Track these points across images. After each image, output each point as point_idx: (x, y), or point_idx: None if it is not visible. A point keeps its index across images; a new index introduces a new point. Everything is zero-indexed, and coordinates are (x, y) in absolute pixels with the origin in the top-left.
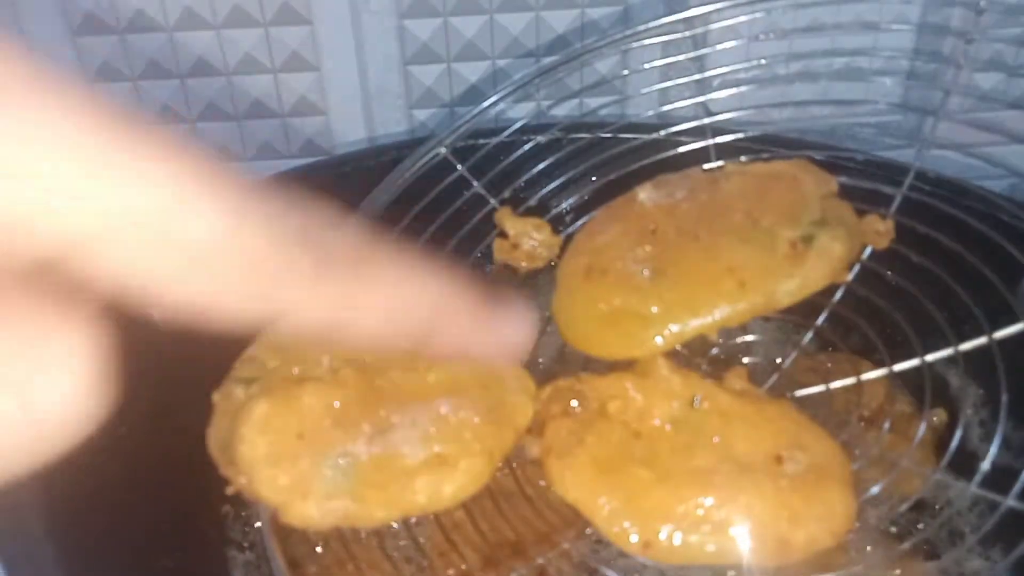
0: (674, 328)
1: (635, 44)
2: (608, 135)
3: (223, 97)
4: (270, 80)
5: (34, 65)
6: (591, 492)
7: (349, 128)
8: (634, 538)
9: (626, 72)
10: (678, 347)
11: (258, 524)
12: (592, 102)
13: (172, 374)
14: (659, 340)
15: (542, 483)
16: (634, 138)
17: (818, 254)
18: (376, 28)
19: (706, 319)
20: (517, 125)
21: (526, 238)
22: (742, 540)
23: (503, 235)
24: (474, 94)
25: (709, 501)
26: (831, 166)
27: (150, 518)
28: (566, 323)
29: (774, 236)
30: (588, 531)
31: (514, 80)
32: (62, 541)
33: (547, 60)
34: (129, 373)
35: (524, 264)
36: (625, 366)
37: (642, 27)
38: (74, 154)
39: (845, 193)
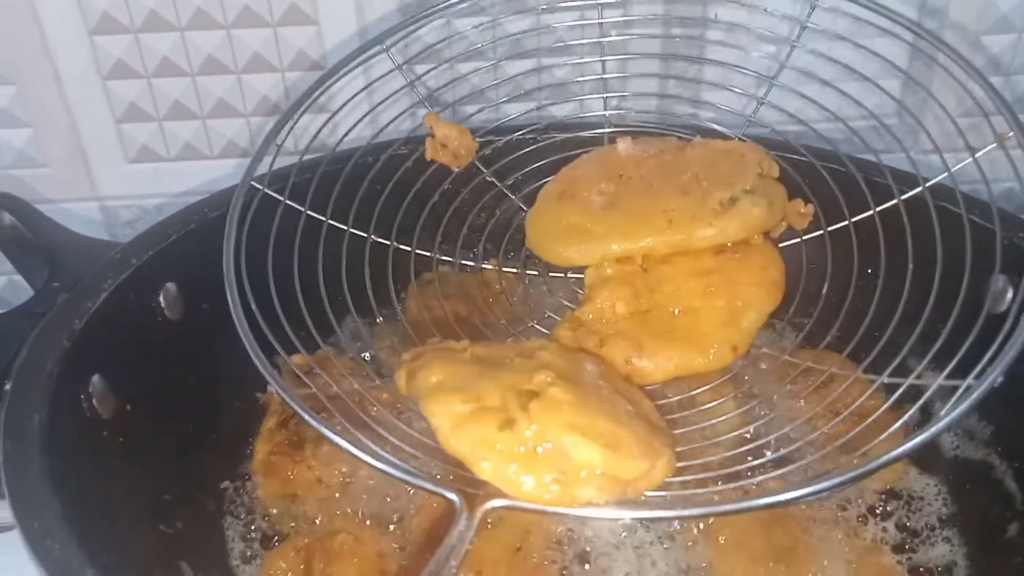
0: (613, 247)
1: None
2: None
3: (232, 93)
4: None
5: None
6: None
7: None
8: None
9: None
10: None
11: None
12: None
13: (180, 360)
14: (598, 254)
15: None
16: None
17: (738, 213)
18: None
19: (637, 243)
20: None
21: (451, 140)
22: None
23: (432, 137)
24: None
25: None
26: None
27: (154, 489)
28: (534, 232)
29: (708, 194)
30: None
31: None
32: (67, 502)
33: None
34: (140, 358)
35: (448, 162)
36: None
37: None
38: None
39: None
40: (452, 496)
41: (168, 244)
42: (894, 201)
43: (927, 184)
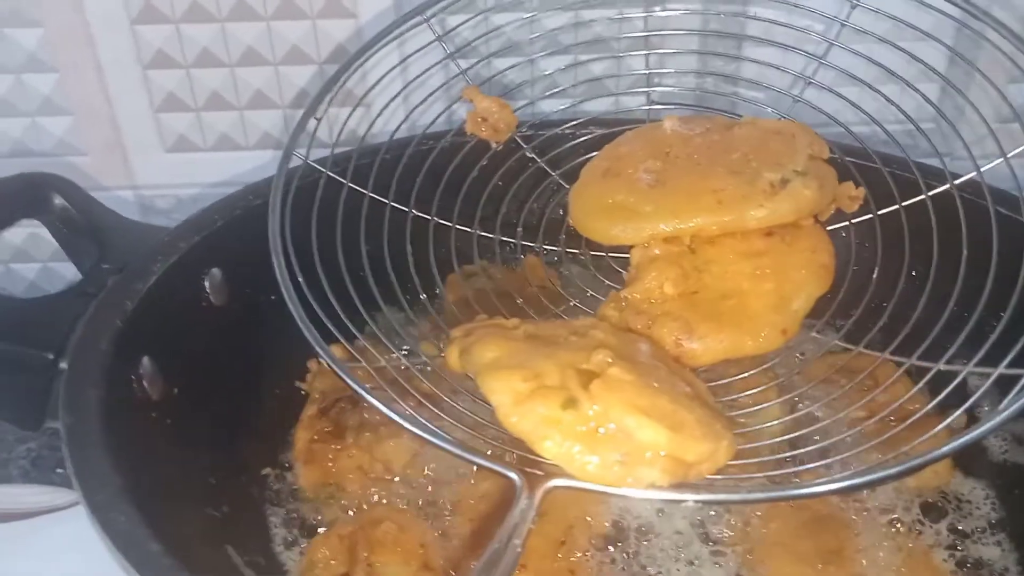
0: (661, 226)
1: None
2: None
3: (270, 84)
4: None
5: None
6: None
7: None
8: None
9: None
10: None
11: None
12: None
13: (223, 347)
14: (645, 234)
15: None
16: None
17: (789, 194)
18: None
19: (686, 223)
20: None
21: (491, 114)
22: None
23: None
24: None
25: None
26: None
27: (200, 472)
28: (578, 210)
29: (758, 174)
30: None
31: None
32: (127, 477)
33: None
34: (186, 342)
35: (489, 136)
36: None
37: None
38: None
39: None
40: (513, 475)
41: (214, 230)
42: (946, 186)
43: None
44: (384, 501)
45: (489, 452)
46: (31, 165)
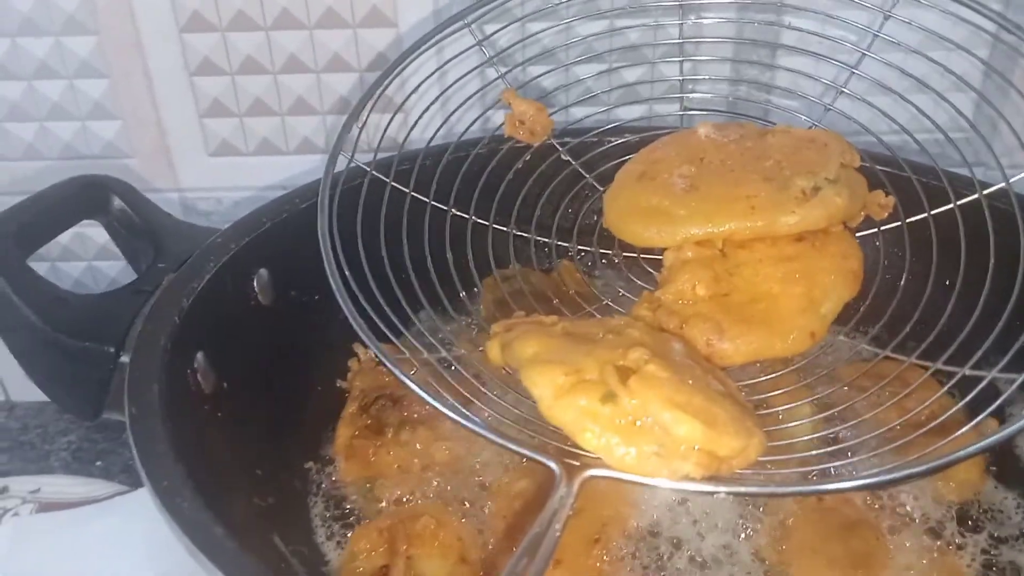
0: (695, 230)
1: None
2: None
3: (311, 91)
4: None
5: None
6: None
7: None
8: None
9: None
10: None
11: None
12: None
13: (269, 344)
14: (679, 237)
15: None
16: None
17: (820, 202)
18: None
19: (719, 228)
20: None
21: (527, 117)
22: None
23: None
24: None
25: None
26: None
27: (248, 463)
28: (613, 212)
29: (791, 181)
30: None
31: None
32: (189, 465)
33: None
34: (235, 339)
35: (526, 139)
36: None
37: None
38: None
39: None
40: (552, 464)
41: (262, 231)
42: (975, 195)
43: (1010, 180)
44: (422, 496)
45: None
46: (80, 167)
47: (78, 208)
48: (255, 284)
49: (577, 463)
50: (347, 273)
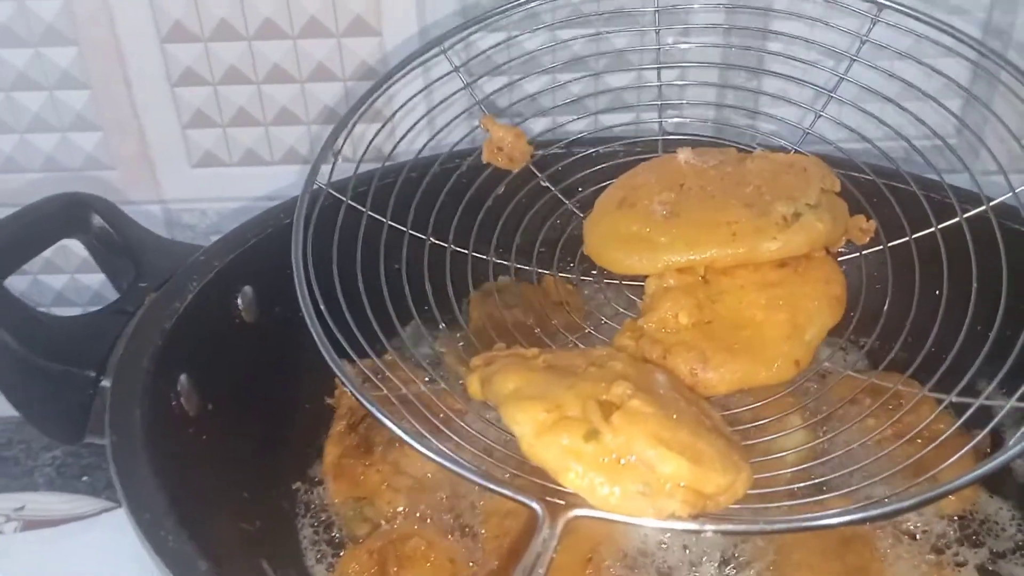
0: (676, 257)
1: None
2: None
3: (295, 101)
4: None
5: None
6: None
7: None
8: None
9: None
10: None
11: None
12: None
13: (254, 363)
14: (660, 264)
15: None
16: None
17: (801, 227)
18: None
19: (700, 255)
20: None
21: (505, 143)
22: None
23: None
24: None
25: None
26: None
27: (234, 486)
28: (592, 240)
29: (771, 207)
30: None
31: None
32: (171, 494)
33: None
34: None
35: (504, 165)
36: None
37: None
38: None
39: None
40: (534, 505)
41: (247, 248)
42: (956, 219)
43: (991, 204)
44: (413, 516)
45: (507, 476)
46: (61, 179)
47: (56, 227)
48: (239, 302)
49: (561, 502)
50: (320, 301)
